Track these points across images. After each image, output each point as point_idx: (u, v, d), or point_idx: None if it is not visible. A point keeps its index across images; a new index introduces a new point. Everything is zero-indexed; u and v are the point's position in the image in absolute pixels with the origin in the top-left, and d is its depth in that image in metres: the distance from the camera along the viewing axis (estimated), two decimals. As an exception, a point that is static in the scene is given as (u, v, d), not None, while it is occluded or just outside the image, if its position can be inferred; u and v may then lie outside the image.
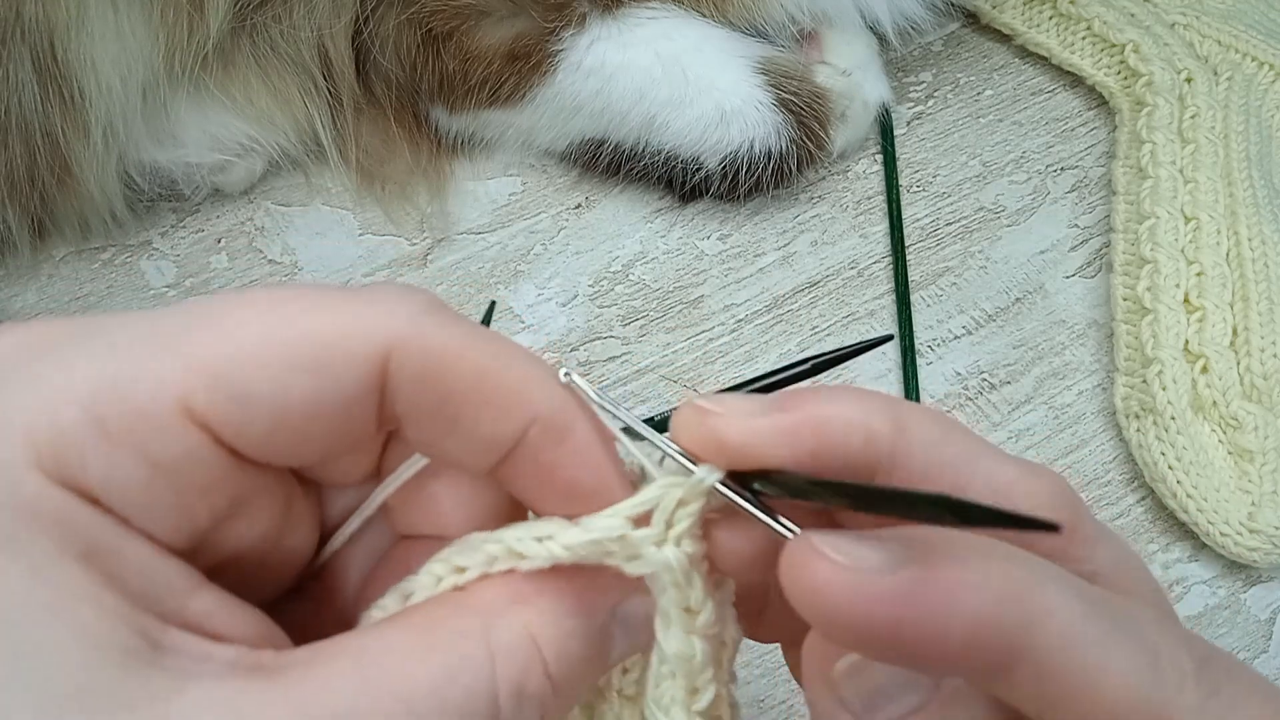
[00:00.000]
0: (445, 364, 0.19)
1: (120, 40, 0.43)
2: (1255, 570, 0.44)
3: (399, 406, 0.20)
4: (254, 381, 0.18)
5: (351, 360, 0.19)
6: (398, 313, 0.19)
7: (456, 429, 0.20)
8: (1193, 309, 0.47)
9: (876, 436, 0.20)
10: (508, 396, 0.20)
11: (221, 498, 0.19)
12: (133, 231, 0.50)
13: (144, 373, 0.18)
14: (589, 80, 0.49)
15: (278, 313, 0.19)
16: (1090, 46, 0.57)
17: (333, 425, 0.20)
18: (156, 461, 0.18)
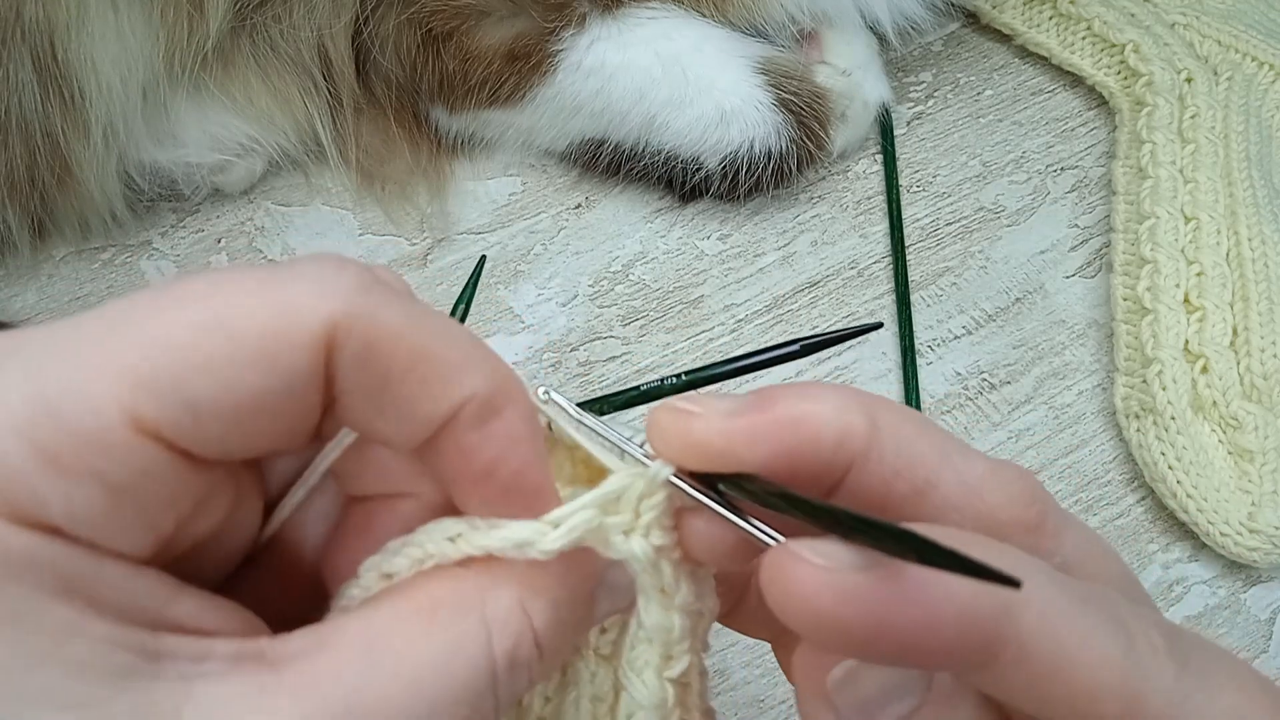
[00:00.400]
0: (385, 346, 0.19)
1: (120, 40, 0.43)
2: (1255, 570, 0.44)
3: (338, 384, 0.19)
4: (201, 385, 0.18)
5: (295, 349, 0.18)
6: (337, 292, 0.19)
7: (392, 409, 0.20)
8: (1193, 309, 0.47)
9: (851, 433, 0.20)
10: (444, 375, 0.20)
11: (185, 504, 0.19)
12: (133, 231, 0.50)
13: (83, 389, 0.17)
14: (589, 80, 0.49)
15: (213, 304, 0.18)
16: (1090, 46, 0.57)
17: (282, 414, 0.19)
18: (115, 484, 0.17)
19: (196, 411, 0.18)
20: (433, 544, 0.21)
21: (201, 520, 0.20)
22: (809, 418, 0.20)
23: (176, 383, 0.18)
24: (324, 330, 0.18)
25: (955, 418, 0.48)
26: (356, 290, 0.19)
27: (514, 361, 0.48)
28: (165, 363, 0.18)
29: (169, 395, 0.18)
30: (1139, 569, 0.44)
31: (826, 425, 0.20)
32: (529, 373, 0.48)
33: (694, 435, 0.20)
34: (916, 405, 0.47)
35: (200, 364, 0.18)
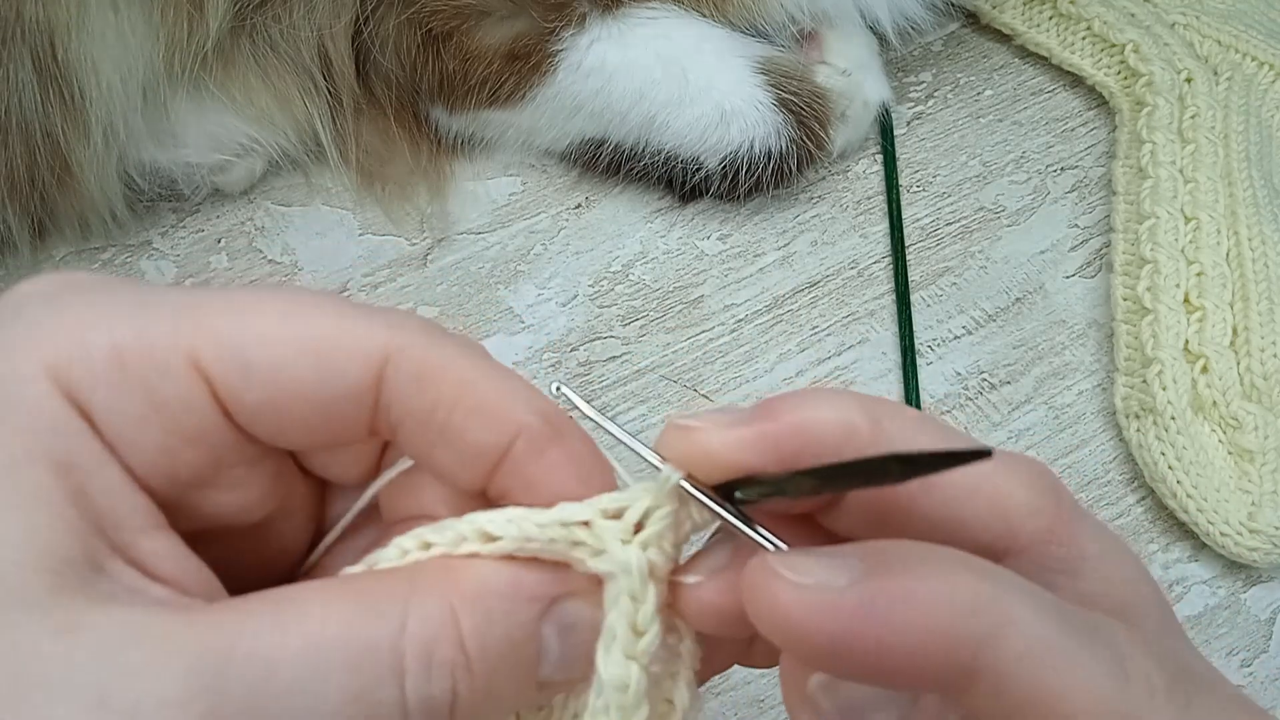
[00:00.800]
0: (435, 372, 0.20)
1: (120, 40, 0.43)
2: (1255, 570, 0.44)
3: (393, 412, 0.21)
4: (258, 355, 0.20)
5: (350, 357, 0.20)
6: (398, 325, 0.21)
7: (445, 437, 0.21)
8: (1193, 309, 0.47)
9: (853, 434, 0.20)
10: (492, 407, 0.21)
11: (206, 451, 0.20)
12: (133, 231, 0.50)
13: (165, 325, 0.20)
14: (589, 80, 0.49)
15: (290, 306, 0.20)
16: (1090, 46, 0.57)
17: (325, 414, 0.20)
18: (156, 398, 0.19)
19: (247, 374, 0.20)
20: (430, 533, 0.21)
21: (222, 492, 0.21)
22: (812, 422, 0.20)
23: (238, 346, 0.20)
24: (380, 350, 0.20)
25: (955, 418, 0.48)
26: (416, 327, 0.21)
27: (514, 361, 0.48)
28: (235, 329, 0.20)
29: (228, 352, 0.20)
30: (1139, 569, 0.45)
31: (829, 428, 0.20)
32: (529, 373, 0.48)
33: (701, 448, 0.21)
34: (916, 405, 0.47)
35: (262, 340, 0.20)
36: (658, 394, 0.48)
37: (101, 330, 0.19)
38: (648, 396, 0.48)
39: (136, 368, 0.19)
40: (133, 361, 0.19)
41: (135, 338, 0.19)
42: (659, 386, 0.48)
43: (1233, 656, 0.43)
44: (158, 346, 0.20)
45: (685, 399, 0.48)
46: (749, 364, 0.49)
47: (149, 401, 0.19)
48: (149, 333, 0.20)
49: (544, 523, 0.20)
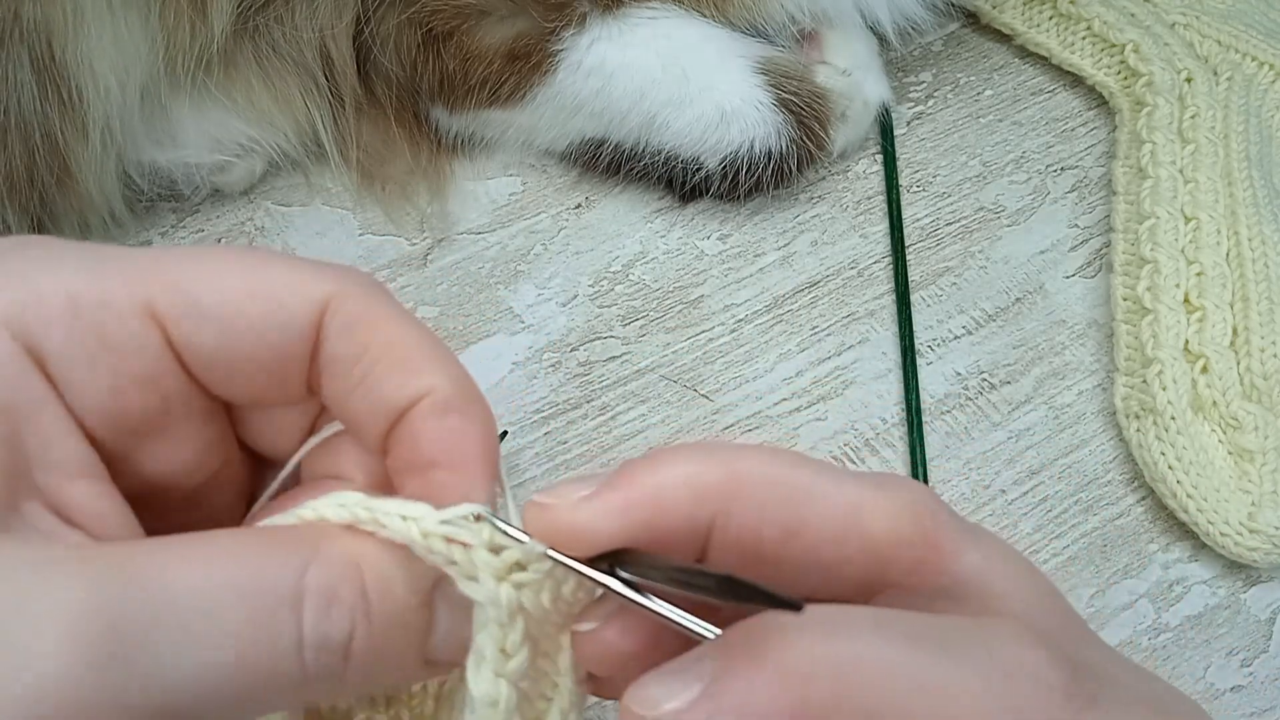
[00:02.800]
0: (366, 323, 0.22)
1: (117, 42, 0.43)
2: (1255, 570, 0.44)
3: (324, 354, 0.22)
4: (211, 299, 0.21)
5: (297, 300, 0.21)
6: (341, 276, 0.22)
7: (362, 386, 0.22)
8: (1193, 309, 0.47)
9: (705, 490, 0.21)
10: (411, 363, 0.22)
11: (155, 396, 0.21)
12: (133, 231, 0.50)
13: (119, 273, 0.21)
14: (589, 80, 0.49)
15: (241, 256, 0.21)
16: (1090, 46, 0.57)
17: (270, 356, 0.21)
18: (108, 340, 0.20)
19: (199, 318, 0.21)
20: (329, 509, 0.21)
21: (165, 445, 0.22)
22: (659, 488, 0.21)
23: (189, 292, 0.21)
24: (324, 296, 0.21)
25: (955, 418, 0.48)
26: (357, 280, 0.22)
27: (514, 361, 0.48)
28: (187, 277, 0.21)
29: (180, 298, 0.20)
30: (1139, 569, 0.45)
31: (676, 490, 0.21)
32: (529, 373, 0.48)
33: (556, 525, 0.21)
34: (917, 405, 0.47)
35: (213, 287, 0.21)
36: (658, 394, 0.48)
37: (57, 279, 0.20)
38: (648, 396, 0.48)
39: (90, 312, 0.20)
40: (87, 306, 0.20)
41: (89, 285, 0.20)
42: (659, 386, 0.48)
43: (1233, 656, 0.43)
44: (112, 292, 0.20)
45: (685, 399, 0.48)
46: (749, 364, 0.49)
47: (101, 343, 0.20)
48: (103, 280, 0.20)
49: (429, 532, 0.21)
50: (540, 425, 0.47)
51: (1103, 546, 0.45)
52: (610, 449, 0.46)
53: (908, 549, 0.21)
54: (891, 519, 0.21)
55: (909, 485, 0.22)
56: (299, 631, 0.19)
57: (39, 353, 0.20)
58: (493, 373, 0.48)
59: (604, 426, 0.47)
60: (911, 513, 0.21)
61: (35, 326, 0.20)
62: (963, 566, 0.21)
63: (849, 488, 0.21)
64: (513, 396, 0.47)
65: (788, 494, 0.21)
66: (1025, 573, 0.22)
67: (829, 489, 0.21)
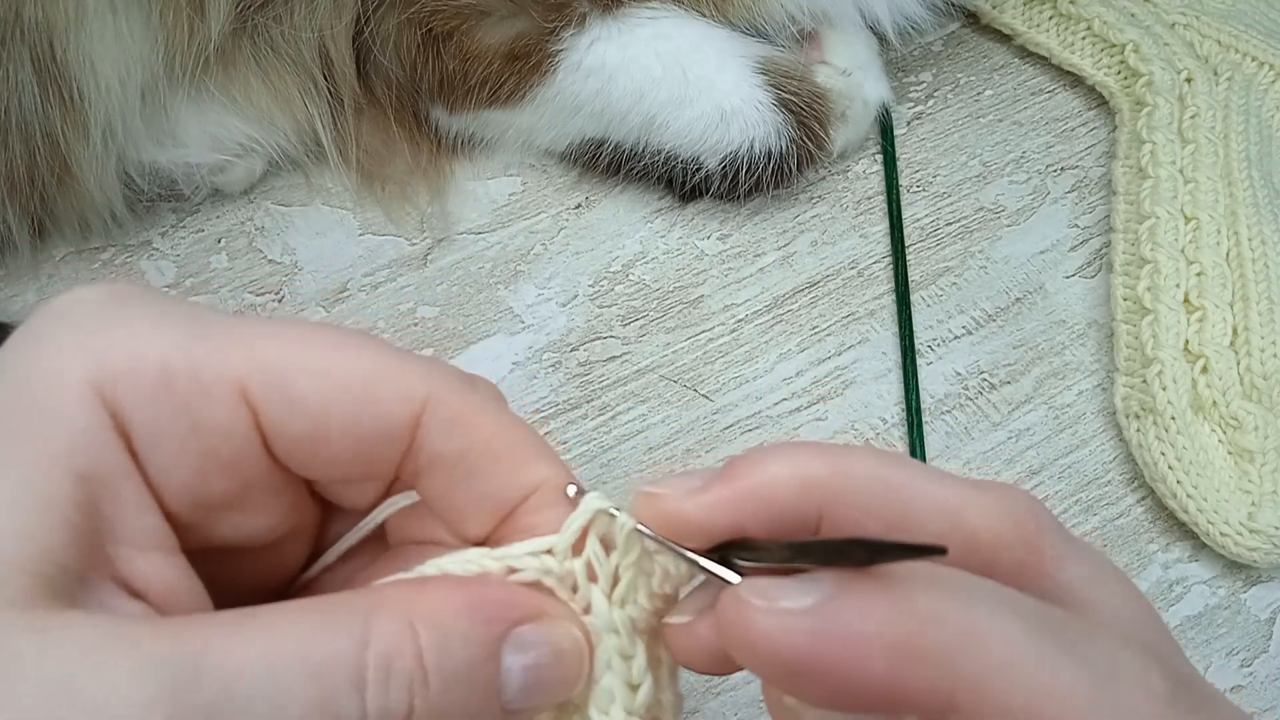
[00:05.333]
0: (468, 420, 0.21)
1: (119, 42, 0.43)
2: (1255, 570, 0.44)
3: (423, 454, 0.21)
4: (304, 388, 0.20)
5: (393, 398, 0.21)
6: (436, 371, 0.22)
7: (469, 483, 0.22)
8: (1193, 309, 0.47)
9: (812, 483, 0.21)
10: (520, 458, 0.22)
11: (238, 479, 0.21)
12: (133, 231, 0.50)
13: (214, 349, 0.20)
14: (589, 80, 0.49)
15: (336, 342, 0.21)
16: (1090, 46, 0.57)
17: (361, 451, 0.21)
18: (198, 422, 0.20)
19: (292, 406, 0.20)
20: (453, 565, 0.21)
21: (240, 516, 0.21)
22: (767, 482, 0.21)
23: (286, 377, 0.20)
24: (422, 393, 0.21)
25: (955, 418, 0.48)
26: (452, 374, 0.22)
27: (514, 362, 0.48)
28: (285, 361, 0.20)
29: (275, 384, 0.20)
30: (1139, 569, 0.44)
31: (785, 484, 0.21)
32: (529, 373, 0.48)
33: (666, 515, 0.21)
34: (917, 405, 0.47)
35: (310, 373, 0.20)
36: (658, 394, 0.48)
37: (152, 348, 0.20)
38: (648, 396, 0.48)
39: (183, 390, 0.20)
40: (180, 383, 0.20)
41: (184, 359, 0.20)
42: (659, 386, 0.48)
43: (1233, 656, 0.43)
44: (206, 370, 0.20)
45: (685, 399, 0.48)
46: (749, 364, 0.49)
47: (190, 424, 0.20)
48: (198, 355, 0.20)
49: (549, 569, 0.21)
50: (540, 425, 0.47)
51: (1103, 546, 0.45)
52: (610, 449, 0.46)
53: (1008, 551, 0.21)
54: (994, 520, 0.21)
55: (1013, 490, 0.22)
56: (363, 709, 0.19)
57: (126, 424, 0.19)
58: (493, 373, 0.48)
59: (604, 426, 0.47)
60: (1014, 516, 0.21)
61: (126, 396, 0.19)
62: (1065, 576, 0.21)
63: (952, 487, 0.21)
64: (513, 396, 0.47)
65: (892, 490, 0.21)
66: (1127, 590, 0.22)
67: (932, 487, 0.21)
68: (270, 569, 0.24)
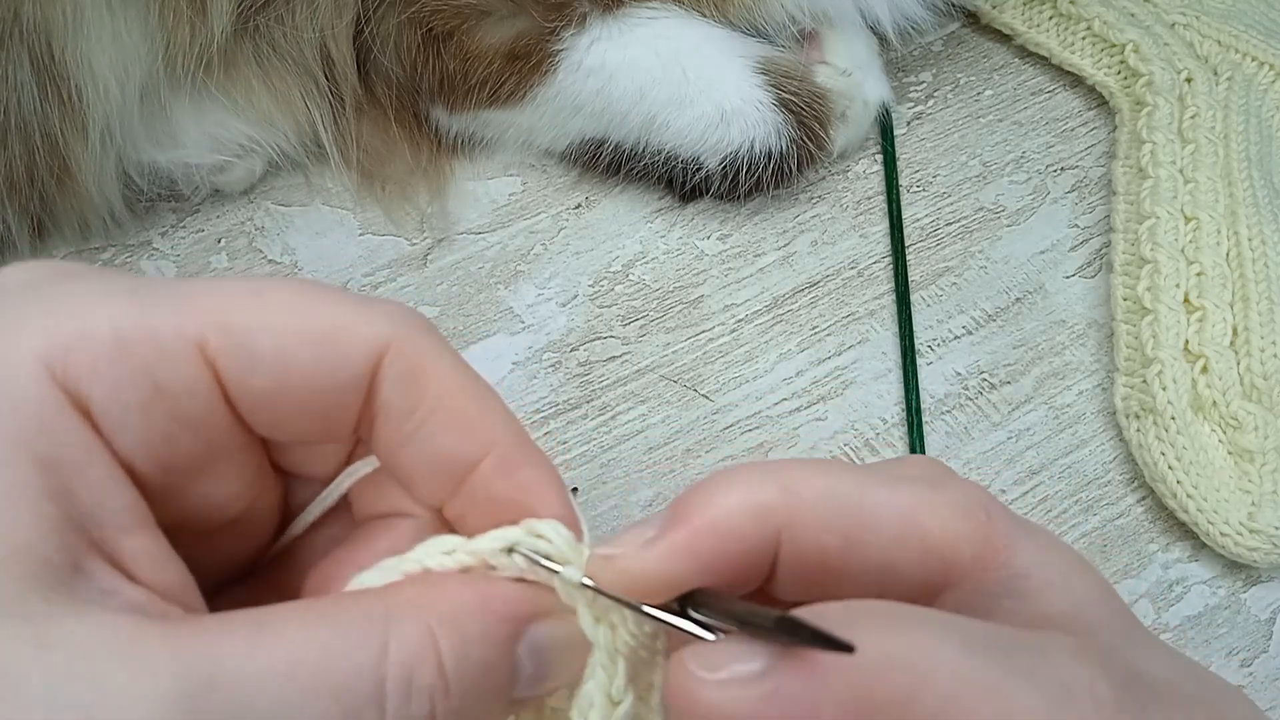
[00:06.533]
0: (424, 373, 0.21)
1: (117, 42, 0.43)
2: (1255, 570, 0.44)
3: (378, 402, 0.21)
4: (265, 342, 0.20)
5: (354, 345, 0.20)
6: (400, 320, 0.21)
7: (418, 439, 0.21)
8: (1193, 309, 0.47)
9: (764, 512, 0.20)
10: (472, 417, 0.21)
11: (203, 439, 0.20)
12: (133, 231, 0.50)
13: (167, 311, 0.20)
14: (589, 80, 0.49)
15: (294, 295, 0.20)
16: (1090, 46, 0.57)
17: (323, 404, 0.21)
18: (160, 384, 0.19)
19: (252, 361, 0.20)
20: (431, 559, 0.21)
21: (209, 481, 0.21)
22: (720, 516, 0.20)
23: (244, 332, 0.20)
24: (381, 341, 0.20)
25: (955, 418, 0.48)
26: (415, 324, 0.21)
27: (514, 362, 0.48)
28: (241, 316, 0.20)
29: (234, 339, 0.20)
30: (1139, 569, 0.45)
31: (736, 516, 0.20)
32: (529, 373, 0.48)
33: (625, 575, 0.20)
34: (917, 405, 0.47)
35: (268, 327, 0.20)
36: (658, 394, 0.48)
37: (101, 317, 0.19)
38: (648, 396, 0.48)
39: (140, 353, 0.19)
40: (136, 347, 0.19)
41: (137, 324, 0.19)
42: (659, 386, 0.48)
43: (1233, 656, 0.43)
44: (161, 332, 0.19)
45: (685, 399, 0.48)
46: (749, 364, 0.49)
47: (151, 387, 0.19)
48: (152, 319, 0.19)
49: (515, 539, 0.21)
50: (540, 425, 0.47)
51: (1103, 546, 0.45)
52: (610, 449, 0.46)
53: (966, 545, 0.21)
54: (947, 518, 0.21)
55: (959, 483, 0.22)
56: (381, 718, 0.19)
57: (84, 399, 0.19)
58: (493, 373, 0.48)
59: (604, 426, 0.47)
60: (965, 510, 0.21)
61: (81, 370, 0.19)
62: (1019, 560, 0.21)
63: (902, 491, 0.21)
64: (513, 396, 0.47)
65: (844, 504, 0.21)
66: (1077, 564, 0.22)
67: (882, 494, 0.21)
68: (240, 545, 0.23)
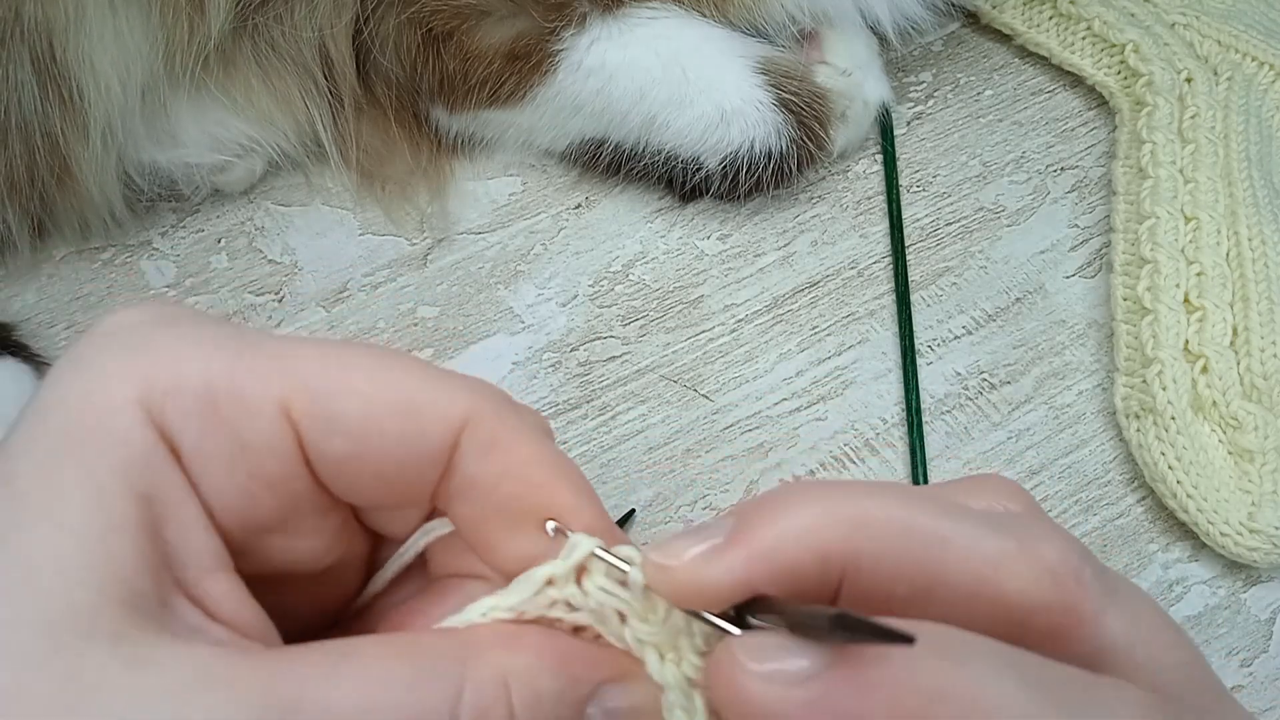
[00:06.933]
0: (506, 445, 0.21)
1: (118, 41, 0.43)
2: (1255, 570, 0.44)
3: (457, 477, 0.21)
4: (347, 408, 0.20)
5: (434, 419, 0.21)
6: (478, 392, 0.21)
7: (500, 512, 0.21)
8: (1193, 309, 0.47)
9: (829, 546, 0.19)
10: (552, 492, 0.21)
11: (284, 498, 0.21)
12: (133, 231, 0.50)
13: (258, 368, 0.20)
14: (589, 80, 0.49)
15: (378, 363, 0.21)
16: (1090, 46, 0.57)
17: (401, 473, 0.21)
18: (244, 440, 0.20)
19: (333, 426, 0.20)
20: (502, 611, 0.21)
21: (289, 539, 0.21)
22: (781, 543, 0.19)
23: (328, 397, 0.20)
24: (463, 414, 0.21)
25: (955, 418, 0.48)
26: (493, 395, 0.22)
27: (514, 362, 0.48)
28: (327, 381, 0.20)
29: (319, 403, 0.20)
30: (1139, 569, 0.44)
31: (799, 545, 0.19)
32: (529, 373, 0.48)
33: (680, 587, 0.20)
34: (917, 405, 0.47)
35: (353, 395, 0.20)
36: (658, 394, 0.48)
37: (196, 367, 0.20)
38: (648, 396, 0.48)
39: (228, 408, 0.20)
40: (225, 402, 0.20)
41: (229, 378, 0.20)
42: (659, 386, 0.48)
43: (1233, 656, 0.43)
44: (250, 389, 0.20)
45: (685, 399, 0.48)
46: (749, 364, 0.49)
47: (236, 443, 0.20)
48: (242, 375, 0.20)
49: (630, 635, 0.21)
50: (540, 425, 0.47)
51: (1103, 546, 0.45)
52: (610, 449, 0.46)
53: (1044, 615, 0.19)
54: (1031, 581, 0.19)
55: (1055, 539, 0.20)
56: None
57: (175, 444, 0.19)
58: (493, 373, 0.48)
59: (604, 426, 0.47)
60: (1053, 576, 0.19)
61: (173, 416, 0.19)
62: (1103, 634, 0.20)
63: (990, 542, 0.19)
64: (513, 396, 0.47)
65: (921, 548, 0.19)
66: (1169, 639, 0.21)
67: (967, 543, 0.19)
68: (326, 597, 0.24)
